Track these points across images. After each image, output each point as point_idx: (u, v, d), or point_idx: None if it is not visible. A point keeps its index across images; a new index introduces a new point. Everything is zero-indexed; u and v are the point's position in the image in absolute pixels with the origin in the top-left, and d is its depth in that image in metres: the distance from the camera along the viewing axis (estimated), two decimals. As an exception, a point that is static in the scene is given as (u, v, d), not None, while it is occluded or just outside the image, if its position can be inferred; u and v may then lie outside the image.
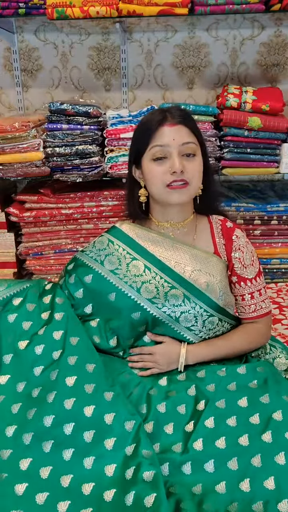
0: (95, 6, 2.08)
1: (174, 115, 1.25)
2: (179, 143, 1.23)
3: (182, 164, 1.22)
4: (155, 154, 1.24)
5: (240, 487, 0.95)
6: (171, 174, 1.23)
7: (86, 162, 2.22)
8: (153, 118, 1.25)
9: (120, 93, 2.61)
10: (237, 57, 2.52)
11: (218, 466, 0.99)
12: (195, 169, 1.26)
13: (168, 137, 1.22)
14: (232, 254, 1.33)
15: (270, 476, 0.96)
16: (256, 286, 1.34)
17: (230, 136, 2.20)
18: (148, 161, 1.26)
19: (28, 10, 2.18)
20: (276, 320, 1.97)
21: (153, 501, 0.91)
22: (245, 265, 1.33)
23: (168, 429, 1.09)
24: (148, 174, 1.27)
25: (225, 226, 1.37)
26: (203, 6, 2.08)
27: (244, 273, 1.33)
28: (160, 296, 1.26)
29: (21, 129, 2.16)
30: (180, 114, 1.25)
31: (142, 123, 1.30)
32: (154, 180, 1.26)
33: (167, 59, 2.54)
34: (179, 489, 0.98)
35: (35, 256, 2.42)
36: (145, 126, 1.26)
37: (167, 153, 1.23)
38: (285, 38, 2.48)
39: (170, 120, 1.24)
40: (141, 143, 1.27)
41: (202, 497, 0.96)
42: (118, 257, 1.31)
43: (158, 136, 1.23)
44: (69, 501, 0.93)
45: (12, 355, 1.19)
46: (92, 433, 1.03)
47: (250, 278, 1.33)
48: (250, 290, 1.33)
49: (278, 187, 2.58)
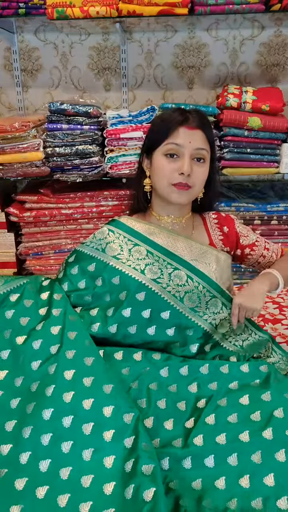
0: (95, 6, 2.08)
1: (195, 118, 1.29)
2: (194, 147, 1.27)
3: (191, 167, 1.27)
4: (168, 150, 1.28)
5: (239, 483, 0.95)
6: (179, 174, 1.27)
7: (86, 162, 2.22)
8: (174, 116, 1.28)
9: (120, 93, 2.61)
10: (237, 57, 2.52)
11: (218, 462, 0.99)
12: (201, 175, 1.32)
13: (185, 138, 1.27)
14: (237, 230, 1.44)
15: (270, 473, 0.96)
16: (262, 242, 1.47)
17: (230, 136, 2.20)
18: (160, 155, 1.30)
19: (28, 10, 2.18)
20: (276, 320, 1.97)
21: (152, 495, 0.91)
22: (246, 235, 1.45)
23: (168, 425, 1.09)
24: (157, 167, 1.32)
25: (221, 216, 1.46)
26: (203, 6, 2.09)
27: (250, 240, 1.44)
28: (164, 277, 1.28)
29: (21, 129, 2.16)
30: (200, 119, 1.30)
31: (163, 118, 1.33)
32: (161, 175, 1.31)
33: (167, 59, 2.54)
34: (178, 484, 0.98)
35: (35, 256, 2.42)
36: (165, 122, 1.29)
37: (180, 152, 1.28)
38: (285, 38, 2.48)
39: (191, 122, 1.28)
40: (158, 136, 1.30)
41: (202, 493, 0.96)
42: (120, 244, 1.34)
43: (176, 134, 1.27)
44: (69, 494, 0.92)
45: (10, 351, 1.18)
46: (91, 426, 1.03)
47: (255, 240, 1.45)
48: (263, 247, 1.46)
49: (278, 187, 2.58)
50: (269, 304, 2.12)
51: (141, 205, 1.43)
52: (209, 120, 1.37)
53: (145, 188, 1.39)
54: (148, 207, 1.44)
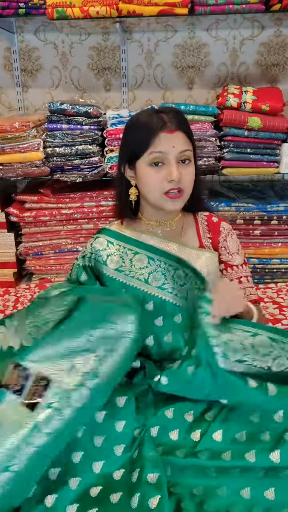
0: (95, 6, 2.08)
1: (173, 120, 1.24)
2: (178, 151, 1.23)
3: (179, 172, 1.23)
4: (153, 159, 1.23)
5: (240, 494, 0.96)
6: (168, 181, 1.24)
7: (86, 162, 2.22)
8: (151, 122, 1.23)
9: (120, 93, 2.61)
10: (237, 57, 2.52)
11: (220, 475, 0.99)
12: (190, 176, 1.28)
13: (168, 144, 1.22)
14: (219, 244, 1.37)
15: (271, 487, 0.95)
16: (243, 272, 1.37)
17: (230, 136, 2.20)
18: (145, 166, 1.25)
19: (28, 10, 2.18)
20: (276, 320, 1.97)
21: (157, 502, 0.92)
22: (231, 253, 1.37)
23: (173, 435, 1.08)
24: (144, 178, 1.27)
25: (211, 221, 1.41)
26: (203, 6, 2.09)
27: (231, 260, 1.37)
28: (168, 281, 1.28)
29: (21, 129, 2.16)
30: (178, 120, 1.25)
31: (139, 125, 1.27)
32: (151, 187, 1.26)
33: (167, 59, 2.54)
34: (180, 489, 0.98)
35: (35, 256, 2.42)
36: (143, 129, 1.24)
37: (165, 159, 1.23)
38: (285, 38, 2.48)
39: (169, 126, 1.23)
40: (139, 146, 1.25)
41: (203, 498, 0.96)
42: (120, 255, 1.33)
43: (158, 142, 1.22)
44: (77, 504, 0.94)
45: None
46: (103, 439, 1.05)
47: (237, 264, 1.37)
48: (238, 275, 1.36)
49: (278, 187, 2.58)
50: (269, 304, 2.12)
51: (127, 213, 1.38)
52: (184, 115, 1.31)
53: (130, 197, 1.33)
54: (136, 214, 1.39)
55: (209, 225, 1.40)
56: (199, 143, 2.19)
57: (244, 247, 2.35)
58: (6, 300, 2.23)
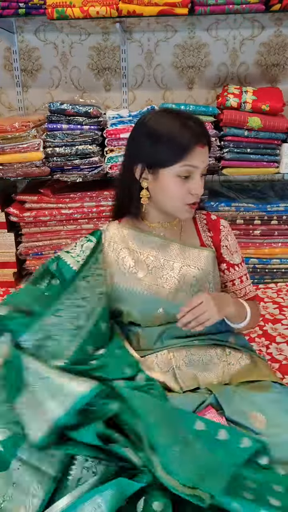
0: (95, 6, 2.08)
1: (203, 134, 1.23)
2: (205, 165, 1.25)
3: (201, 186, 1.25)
4: (183, 172, 1.22)
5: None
6: (191, 194, 1.24)
7: (86, 162, 2.22)
8: (188, 134, 1.20)
9: (120, 93, 2.61)
10: (237, 57, 2.52)
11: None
12: (203, 187, 1.29)
13: (200, 160, 1.22)
14: (221, 243, 1.38)
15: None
16: (242, 271, 1.41)
17: (230, 136, 2.20)
18: (172, 175, 1.22)
19: (28, 10, 2.18)
20: (276, 320, 1.97)
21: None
22: (232, 252, 1.39)
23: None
24: (167, 188, 1.24)
25: (210, 219, 1.41)
26: (203, 6, 2.09)
27: (232, 259, 1.39)
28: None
29: (21, 129, 2.16)
30: (206, 134, 1.24)
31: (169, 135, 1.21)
32: (174, 197, 1.25)
33: (167, 59, 2.54)
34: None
35: (35, 256, 2.42)
36: (177, 141, 1.20)
37: (192, 173, 1.23)
38: (285, 38, 2.48)
39: (202, 140, 1.22)
40: (170, 157, 1.21)
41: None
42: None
43: (193, 155, 1.20)
44: None
45: None
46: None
47: (237, 263, 1.40)
48: (239, 275, 1.39)
49: (278, 187, 2.58)
50: (269, 304, 2.12)
51: (132, 213, 1.35)
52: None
53: (141, 200, 1.30)
54: (139, 215, 1.36)
55: (208, 223, 1.40)
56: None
57: (244, 247, 2.36)
58: (6, 300, 2.23)
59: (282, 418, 1.11)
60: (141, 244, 1.34)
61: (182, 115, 1.25)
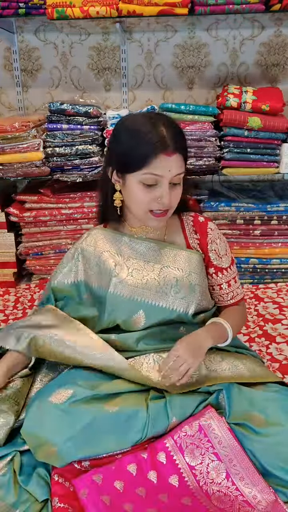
0: (95, 6, 2.08)
1: (173, 139, 1.16)
2: (173, 174, 1.18)
3: (170, 194, 1.19)
4: (146, 180, 1.17)
5: None
6: (156, 202, 1.20)
7: (86, 162, 2.22)
8: (150, 140, 1.14)
9: (120, 93, 2.61)
10: (237, 57, 2.52)
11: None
12: (177, 196, 1.24)
13: (164, 168, 1.16)
14: (208, 246, 1.35)
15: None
16: (231, 274, 1.37)
17: (230, 136, 2.20)
18: (135, 181, 1.19)
19: (28, 10, 2.18)
20: (276, 320, 1.97)
21: None
22: (220, 255, 1.35)
23: None
24: (131, 193, 1.22)
25: (197, 222, 1.37)
26: (203, 6, 2.09)
27: (220, 263, 1.35)
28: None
29: (21, 129, 2.16)
30: (177, 139, 1.17)
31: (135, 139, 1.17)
32: (137, 203, 1.22)
33: (167, 59, 2.54)
34: None
35: (35, 256, 2.42)
36: (141, 146, 1.16)
37: (158, 181, 1.18)
38: (285, 38, 2.48)
39: (169, 148, 1.15)
40: (133, 162, 1.17)
41: None
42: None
43: (155, 164, 1.15)
44: None
45: None
46: None
47: (226, 267, 1.36)
48: (227, 279, 1.36)
49: (278, 187, 2.58)
50: (269, 304, 2.12)
51: (111, 217, 1.34)
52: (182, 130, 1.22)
53: (115, 203, 1.27)
54: (120, 218, 1.34)
55: (195, 226, 1.37)
56: (199, 143, 2.19)
57: (244, 247, 2.36)
58: (6, 300, 2.23)
59: (281, 417, 1.11)
60: (121, 246, 1.33)
61: (154, 120, 1.19)
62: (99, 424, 1.12)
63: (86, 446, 1.11)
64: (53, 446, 1.11)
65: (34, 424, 1.16)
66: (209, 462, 1.08)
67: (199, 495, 1.06)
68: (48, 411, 1.16)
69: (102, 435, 1.12)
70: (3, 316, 2.07)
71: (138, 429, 1.13)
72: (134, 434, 1.13)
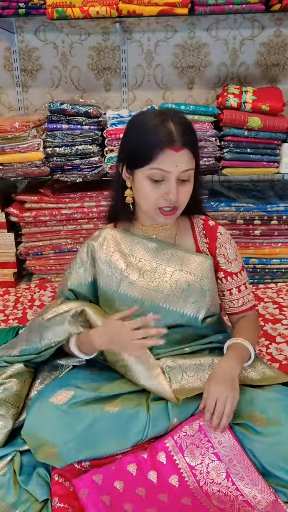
0: (95, 6, 2.08)
1: (181, 135, 1.15)
2: (180, 170, 1.17)
3: (177, 191, 1.18)
4: (153, 175, 1.17)
5: None
6: (164, 199, 1.19)
7: (86, 162, 2.22)
8: (158, 136, 1.14)
9: (120, 93, 2.61)
10: (237, 57, 2.52)
11: None
12: (186, 194, 1.23)
13: (171, 163, 1.15)
14: (217, 250, 1.34)
15: None
16: (242, 280, 1.35)
17: (230, 136, 2.20)
18: (143, 177, 1.19)
19: (28, 10, 2.18)
20: (276, 320, 1.97)
21: None
22: (230, 260, 1.34)
23: None
24: (140, 189, 1.22)
25: (207, 225, 1.37)
26: (203, 6, 2.08)
27: (230, 268, 1.34)
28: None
29: (21, 129, 2.16)
30: (186, 134, 1.17)
31: (144, 133, 1.17)
32: (146, 199, 1.22)
33: (167, 59, 2.54)
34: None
35: (35, 256, 2.42)
36: (148, 141, 1.16)
37: (166, 177, 1.17)
38: (285, 38, 2.48)
39: (177, 143, 1.14)
40: (140, 157, 1.18)
41: None
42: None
43: (161, 159, 1.15)
44: None
45: None
46: None
47: (236, 272, 1.34)
48: (237, 284, 1.35)
49: (278, 187, 2.58)
50: (269, 304, 2.12)
51: (123, 215, 1.34)
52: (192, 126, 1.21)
53: (126, 199, 1.28)
54: (132, 216, 1.34)
55: (205, 229, 1.36)
56: (199, 143, 2.18)
57: (244, 247, 2.36)
58: (6, 300, 2.23)
59: (281, 417, 1.11)
60: (133, 247, 1.32)
61: (163, 116, 1.19)
62: (100, 425, 1.12)
63: (87, 447, 1.11)
64: (53, 447, 1.11)
65: (35, 425, 1.16)
66: (209, 462, 1.08)
67: (199, 495, 1.06)
68: (49, 412, 1.16)
69: (102, 436, 1.12)
70: (3, 316, 2.07)
71: (139, 429, 1.13)
72: (134, 435, 1.13)
